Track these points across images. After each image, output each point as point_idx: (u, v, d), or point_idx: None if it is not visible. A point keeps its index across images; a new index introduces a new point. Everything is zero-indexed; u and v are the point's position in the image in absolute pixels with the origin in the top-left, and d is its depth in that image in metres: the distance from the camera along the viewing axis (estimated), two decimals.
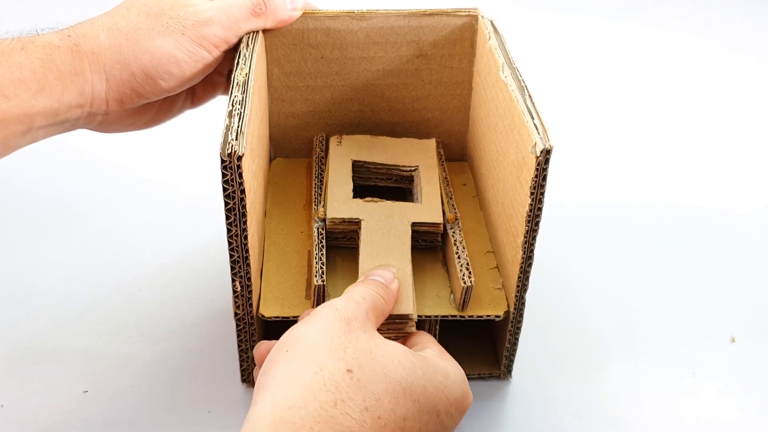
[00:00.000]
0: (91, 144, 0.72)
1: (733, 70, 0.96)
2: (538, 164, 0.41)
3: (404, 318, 0.45)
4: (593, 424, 0.50)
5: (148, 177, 0.73)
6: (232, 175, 0.41)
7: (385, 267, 0.46)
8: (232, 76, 0.46)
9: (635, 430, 0.50)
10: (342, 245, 0.52)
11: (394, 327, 0.45)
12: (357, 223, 0.51)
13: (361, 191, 0.54)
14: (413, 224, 0.51)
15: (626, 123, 0.84)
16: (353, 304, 0.40)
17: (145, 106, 0.50)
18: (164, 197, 0.70)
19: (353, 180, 0.54)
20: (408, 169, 0.56)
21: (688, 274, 0.63)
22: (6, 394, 0.51)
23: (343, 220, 0.51)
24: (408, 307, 0.45)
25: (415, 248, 0.51)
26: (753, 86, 0.92)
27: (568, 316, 0.58)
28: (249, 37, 0.50)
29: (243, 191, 0.41)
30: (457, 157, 0.63)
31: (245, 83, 0.45)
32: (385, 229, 0.50)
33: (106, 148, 0.75)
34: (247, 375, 0.51)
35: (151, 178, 0.72)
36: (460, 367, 0.42)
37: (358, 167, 0.56)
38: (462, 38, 0.56)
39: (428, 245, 0.52)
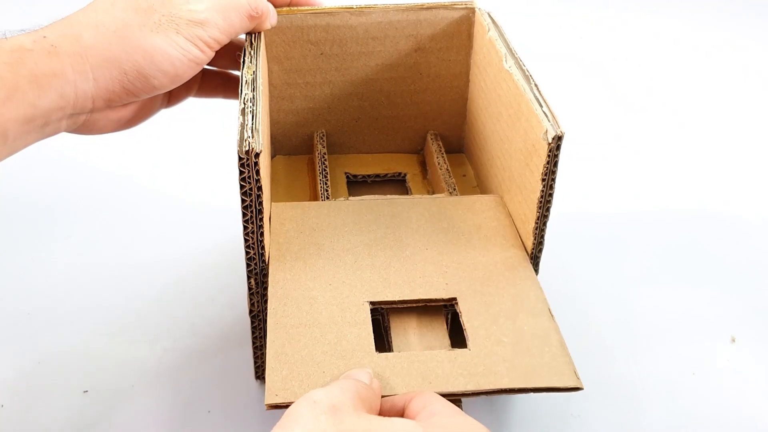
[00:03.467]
0: (92, 144, 0.72)
1: (734, 65, 0.96)
2: (550, 151, 0.42)
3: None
4: (593, 424, 0.51)
5: (147, 177, 0.72)
6: (249, 172, 0.41)
7: (361, 368, 0.40)
8: (240, 74, 0.46)
9: (635, 430, 0.51)
10: None
11: None
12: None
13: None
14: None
15: (627, 121, 0.84)
16: (336, 391, 0.35)
17: (130, 104, 0.48)
18: (164, 197, 0.70)
19: None
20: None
21: (688, 274, 0.63)
22: (6, 394, 0.51)
23: None
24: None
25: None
26: (754, 85, 0.92)
27: (568, 316, 0.58)
28: (253, 36, 0.50)
29: (260, 188, 0.42)
30: (454, 149, 0.63)
31: (254, 81, 0.45)
32: None
33: (106, 149, 0.75)
34: (261, 372, 0.51)
35: (151, 178, 0.72)
36: (474, 420, 0.37)
37: None
38: (459, 31, 0.57)
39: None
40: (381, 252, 0.47)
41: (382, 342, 0.44)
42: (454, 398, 0.39)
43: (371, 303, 0.44)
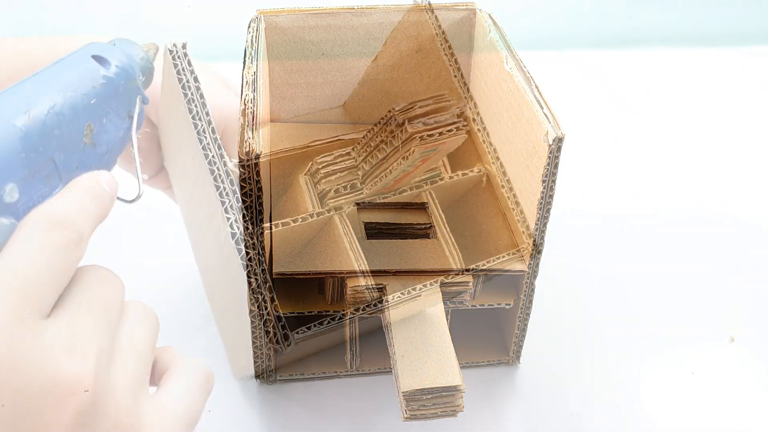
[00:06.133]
0: None
1: (734, 65, 0.96)
2: (551, 152, 0.42)
3: (452, 389, 0.42)
4: (593, 424, 0.51)
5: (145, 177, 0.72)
6: (249, 173, 0.41)
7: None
8: (241, 74, 0.46)
9: (635, 429, 0.51)
10: (365, 315, 0.48)
11: (441, 401, 0.42)
12: (381, 289, 0.48)
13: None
14: (442, 284, 0.48)
15: (626, 122, 0.84)
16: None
17: None
18: (163, 197, 0.69)
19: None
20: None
21: (687, 274, 0.63)
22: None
23: (367, 287, 0.47)
24: (455, 377, 0.42)
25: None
26: (754, 86, 0.92)
27: (568, 316, 0.59)
28: (253, 35, 0.50)
29: (260, 189, 0.42)
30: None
31: (254, 81, 0.45)
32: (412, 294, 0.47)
33: None
34: (261, 372, 0.51)
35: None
36: None
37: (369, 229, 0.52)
38: (460, 32, 0.57)
39: (456, 306, 0.50)
40: None
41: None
42: (456, 389, 0.41)
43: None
